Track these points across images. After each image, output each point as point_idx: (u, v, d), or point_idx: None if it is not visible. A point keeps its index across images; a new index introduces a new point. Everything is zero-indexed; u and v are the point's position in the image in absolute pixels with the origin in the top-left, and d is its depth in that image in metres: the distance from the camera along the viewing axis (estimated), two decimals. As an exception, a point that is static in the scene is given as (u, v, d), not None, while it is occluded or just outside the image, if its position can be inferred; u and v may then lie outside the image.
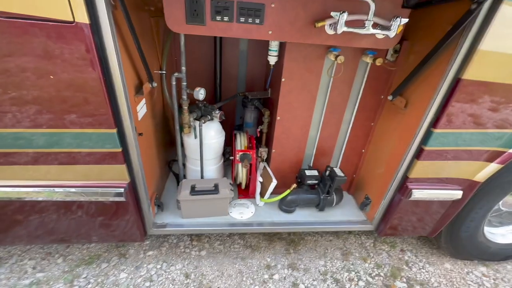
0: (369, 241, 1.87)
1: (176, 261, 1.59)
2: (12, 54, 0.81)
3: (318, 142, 1.57)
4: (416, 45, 1.22)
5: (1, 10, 0.75)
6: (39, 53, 0.82)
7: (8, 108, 0.90)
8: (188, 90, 1.31)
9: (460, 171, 1.28)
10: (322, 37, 1.07)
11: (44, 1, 0.74)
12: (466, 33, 0.94)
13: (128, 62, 1.05)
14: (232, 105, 1.99)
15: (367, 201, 1.57)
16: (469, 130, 1.15)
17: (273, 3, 0.99)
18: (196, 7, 0.97)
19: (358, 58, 1.32)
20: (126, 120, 1.01)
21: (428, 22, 1.16)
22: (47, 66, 0.84)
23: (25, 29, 0.78)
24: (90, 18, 0.79)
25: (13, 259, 1.52)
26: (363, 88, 1.40)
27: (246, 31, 1.03)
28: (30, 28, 0.78)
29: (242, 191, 1.72)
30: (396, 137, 1.33)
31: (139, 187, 1.20)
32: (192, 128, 1.40)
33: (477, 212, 1.46)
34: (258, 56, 1.78)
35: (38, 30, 0.78)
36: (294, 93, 1.37)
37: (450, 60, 1.01)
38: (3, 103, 0.89)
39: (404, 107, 1.26)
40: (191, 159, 1.56)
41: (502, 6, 0.87)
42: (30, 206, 1.16)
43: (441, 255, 1.83)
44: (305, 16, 1.02)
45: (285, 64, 1.28)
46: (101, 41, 0.85)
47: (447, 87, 1.05)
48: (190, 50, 1.69)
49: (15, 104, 0.89)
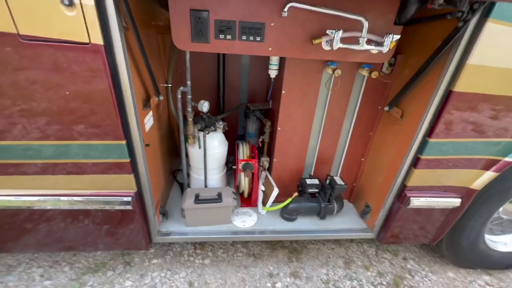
0: (371, 249, 1.88)
1: (180, 269, 1.62)
2: (33, 69, 0.88)
3: (318, 151, 1.62)
4: (410, 59, 1.28)
5: (25, 34, 0.82)
6: (58, 70, 0.89)
7: (31, 120, 0.97)
8: (193, 103, 1.37)
9: (457, 179, 1.31)
10: (320, 53, 1.14)
11: (64, 26, 0.82)
12: (454, 48, 1.00)
13: (137, 77, 1.12)
14: (235, 116, 2.05)
15: (367, 209, 1.60)
16: (463, 139, 1.19)
17: (272, 22, 1.06)
18: (201, 27, 1.04)
19: (354, 71, 1.38)
20: (134, 132, 1.07)
21: (420, 37, 1.22)
22: (64, 82, 0.91)
23: (46, 50, 0.85)
24: (104, 39, 0.86)
25: (21, 266, 1.56)
26: (361, 99, 1.45)
27: (248, 48, 1.10)
28: (51, 49, 0.85)
29: (244, 200, 1.76)
30: (394, 146, 1.38)
31: (146, 196, 1.25)
32: (196, 138, 1.46)
33: (477, 220, 1.48)
34: (259, 69, 1.86)
35: (57, 50, 0.85)
36: (294, 105, 1.43)
37: (441, 73, 1.06)
38: (33, 115, 0.95)
39: (400, 117, 1.31)
40: (195, 168, 1.61)
41: (487, 24, 0.93)
42: (38, 214, 1.21)
43: (444, 263, 1.83)
44: (303, 33, 1.09)
45: (285, 78, 1.34)
46: (114, 59, 0.92)
47: (440, 98, 1.10)
48: (195, 64, 1.77)
49: (32, 116, 0.96)
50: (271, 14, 1.04)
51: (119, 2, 0.85)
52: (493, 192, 1.38)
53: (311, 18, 1.06)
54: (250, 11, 1.03)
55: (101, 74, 0.90)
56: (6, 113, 0.94)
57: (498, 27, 0.94)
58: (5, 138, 0.99)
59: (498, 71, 1.02)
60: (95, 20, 0.82)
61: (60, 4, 0.79)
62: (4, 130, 0.97)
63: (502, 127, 1.17)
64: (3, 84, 0.89)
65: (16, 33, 0.81)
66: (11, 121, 0.96)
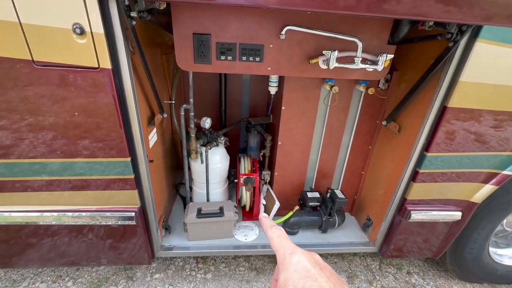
0: (374, 263, 1.86)
1: (182, 284, 1.62)
2: (45, 95, 0.94)
3: (319, 165, 1.64)
4: (405, 75, 1.32)
5: (39, 60, 0.88)
6: (69, 93, 0.94)
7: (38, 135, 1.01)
8: (195, 119, 1.42)
9: (457, 193, 1.32)
10: (317, 71, 1.18)
11: (75, 52, 0.87)
12: (447, 66, 1.04)
13: (142, 97, 1.17)
14: (237, 130, 2.09)
15: (368, 222, 1.60)
16: (460, 154, 1.21)
17: (271, 44, 1.11)
18: (203, 49, 1.10)
19: (352, 87, 1.42)
20: (139, 149, 1.11)
21: (415, 55, 1.27)
22: (74, 104, 0.96)
23: (58, 74, 0.91)
24: (112, 63, 0.91)
25: (26, 281, 1.58)
26: (359, 114, 1.49)
27: (248, 68, 1.15)
28: (63, 73, 0.90)
29: (246, 213, 1.77)
30: (393, 160, 1.40)
31: (149, 211, 1.27)
32: (199, 154, 1.49)
33: (480, 233, 1.47)
34: (260, 85, 1.91)
35: (69, 74, 0.91)
36: (294, 120, 1.47)
37: (435, 89, 1.09)
38: (44, 134, 1.00)
39: (398, 132, 1.34)
40: (198, 182, 1.64)
41: (477, 44, 0.97)
42: (43, 229, 1.23)
43: (450, 277, 1.80)
44: (300, 54, 1.14)
45: (284, 94, 1.39)
46: (121, 82, 0.97)
47: (435, 114, 1.13)
48: (198, 81, 1.83)
49: (42, 132, 1.01)
50: (269, 37, 1.09)
51: (126, 30, 0.91)
52: (495, 205, 1.38)
53: (308, 39, 1.11)
54: (250, 34, 1.08)
55: (109, 95, 0.95)
56: (15, 127, 0.99)
57: (487, 46, 0.98)
58: (13, 154, 1.04)
59: (490, 87, 1.06)
60: (104, 47, 0.88)
61: (72, 33, 0.84)
62: (13, 145, 1.02)
63: (498, 141, 1.19)
64: (19, 105, 0.94)
65: (31, 60, 0.87)
66: (18, 136, 1.00)
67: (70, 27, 0.84)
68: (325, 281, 0.27)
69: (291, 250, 0.31)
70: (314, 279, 0.28)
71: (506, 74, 1.04)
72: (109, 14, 0.85)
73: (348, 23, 1.09)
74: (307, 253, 0.31)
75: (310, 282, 0.27)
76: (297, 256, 0.30)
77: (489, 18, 0.84)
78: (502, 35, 0.97)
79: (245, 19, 1.05)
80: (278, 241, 0.34)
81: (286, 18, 1.06)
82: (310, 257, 0.31)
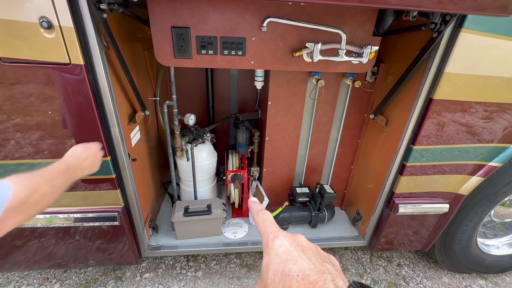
0: (365, 256, 1.87)
1: (172, 283, 1.60)
2: (16, 94, 0.89)
3: (308, 160, 1.63)
4: (392, 67, 1.30)
5: (5, 57, 0.83)
6: (40, 90, 0.90)
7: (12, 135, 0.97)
8: (179, 116, 1.38)
9: (444, 185, 1.32)
10: (301, 64, 1.15)
11: (44, 48, 0.83)
12: (432, 57, 1.02)
13: (121, 94, 1.13)
14: (226, 126, 2.06)
15: (358, 216, 1.60)
16: (447, 146, 1.20)
17: (253, 36, 1.08)
18: (183, 43, 1.06)
19: (339, 80, 1.40)
20: (119, 148, 1.08)
21: (401, 46, 1.25)
22: (48, 101, 0.92)
23: (28, 71, 0.86)
24: (84, 59, 0.87)
25: (11, 285, 1.55)
26: (347, 107, 1.47)
27: (230, 62, 1.12)
28: (33, 70, 0.86)
29: (235, 210, 1.75)
30: (381, 153, 1.38)
31: (133, 211, 1.24)
32: (184, 151, 1.46)
33: (468, 225, 1.48)
34: (248, 80, 1.88)
35: (39, 71, 0.87)
36: (281, 115, 1.44)
37: (421, 81, 1.08)
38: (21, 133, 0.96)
39: (385, 125, 1.32)
40: (185, 180, 1.61)
41: (461, 34, 0.95)
42: (29, 231, 1.20)
43: (439, 268, 1.82)
44: (283, 47, 1.11)
45: (270, 89, 1.36)
46: (95, 78, 0.93)
47: (421, 106, 1.12)
48: (183, 76, 1.79)
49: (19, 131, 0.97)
50: (251, 29, 1.06)
51: (99, 23, 0.87)
52: (481, 197, 1.39)
53: (291, 31, 1.08)
54: (231, 27, 1.05)
55: (82, 93, 0.91)
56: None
57: (472, 36, 0.96)
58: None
59: (475, 79, 1.04)
60: (74, 41, 0.84)
61: (39, 27, 0.80)
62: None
63: (484, 133, 1.18)
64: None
65: (-2, 56, 0.83)
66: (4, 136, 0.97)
67: (37, 21, 0.79)
68: (305, 262, 0.27)
69: (274, 235, 0.31)
70: (294, 262, 0.27)
71: (492, 65, 1.03)
72: (78, 6, 0.81)
73: (332, 14, 1.06)
74: (290, 236, 0.30)
75: (290, 265, 0.27)
76: (279, 240, 0.30)
77: (473, 7, 0.82)
78: (487, 25, 0.95)
79: (225, 10, 1.02)
80: (263, 225, 0.33)
81: (268, 10, 1.02)
82: (293, 240, 0.30)
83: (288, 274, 0.26)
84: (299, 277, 0.26)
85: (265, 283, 0.27)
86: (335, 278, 0.26)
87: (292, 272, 0.26)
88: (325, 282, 0.25)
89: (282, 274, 0.26)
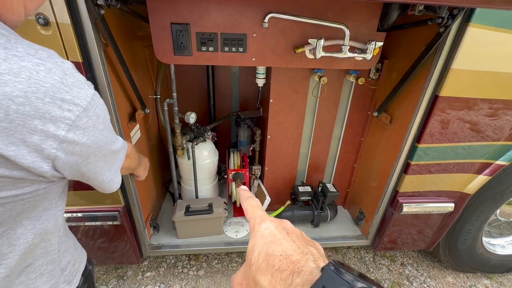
0: (368, 256, 1.85)
1: (174, 281, 1.60)
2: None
3: (310, 158, 1.60)
4: (397, 63, 1.27)
5: None
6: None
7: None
8: (180, 114, 1.37)
9: (449, 184, 1.29)
10: (303, 61, 1.13)
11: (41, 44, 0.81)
12: (438, 53, 0.99)
13: (121, 92, 1.11)
14: (228, 124, 2.04)
15: (361, 215, 1.58)
16: (452, 144, 1.17)
17: (254, 32, 1.05)
18: (183, 40, 1.04)
19: (342, 78, 1.37)
20: (119, 147, 1.06)
21: (406, 42, 1.22)
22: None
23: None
24: (82, 57, 0.86)
25: (13, 284, 1.55)
26: (350, 105, 1.44)
27: (231, 59, 1.10)
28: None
29: (237, 209, 1.74)
30: (384, 152, 1.36)
31: (134, 210, 1.23)
32: (185, 150, 1.45)
33: (473, 224, 1.45)
34: (249, 77, 1.85)
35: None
36: (283, 113, 1.42)
37: (426, 78, 1.05)
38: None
39: (389, 123, 1.30)
40: (186, 179, 1.60)
41: (469, 29, 0.92)
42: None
43: (443, 268, 1.80)
44: (285, 43, 1.09)
45: (272, 86, 1.34)
46: (94, 76, 0.91)
47: (426, 103, 1.09)
48: (184, 74, 1.77)
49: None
50: (252, 25, 1.03)
51: (96, 20, 0.85)
52: (488, 196, 1.36)
53: (293, 27, 1.05)
54: (231, 23, 1.03)
55: (81, 91, 0.90)
56: None
57: (480, 31, 0.93)
58: None
59: (482, 75, 1.01)
60: (72, 39, 0.82)
61: (36, 24, 0.78)
62: None
63: (491, 130, 1.16)
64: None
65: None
66: None
67: (33, 18, 0.78)
68: (289, 244, 0.28)
69: (261, 219, 0.32)
70: (279, 243, 0.28)
71: (500, 61, 1.00)
72: (75, 2, 0.79)
73: (335, 9, 1.03)
74: (276, 220, 0.32)
75: (274, 246, 0.28)
76: (266, 223, 0.31)
77: (481, 0, 0.79)
78: (496, 19, 0.92)
79: (225, 6, 0.99)
80: (251, 211, 0.34)
81: (269, 5, 1.00)
82: (279, 224, 0.31)
83: (271, 254, 0.27)
84: (282, 257, 0.27)
85: (249, 262, 0.28)
86: (317, 259, 0.27)
87: (275, 252, 0.27)
88: (306, 262, 0.26)
89: (266, 254, 0.27)
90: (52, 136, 0.39)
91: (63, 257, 0.60)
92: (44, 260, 0.54)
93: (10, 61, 0.35)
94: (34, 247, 0.50)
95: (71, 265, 0.64)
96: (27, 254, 0.49)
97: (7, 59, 0.35)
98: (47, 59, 0.39)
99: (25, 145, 0.37)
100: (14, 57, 0.36)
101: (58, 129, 0.39)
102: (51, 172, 0.42)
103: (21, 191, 0.41)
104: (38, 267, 0.53)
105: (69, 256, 0.63)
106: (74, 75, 0.42)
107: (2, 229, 0.43)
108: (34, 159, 0.39)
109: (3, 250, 0.44)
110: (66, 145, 0.42)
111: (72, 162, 0.44)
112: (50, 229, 0.52)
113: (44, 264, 0.54)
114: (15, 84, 0.35)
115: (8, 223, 0.43)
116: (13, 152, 0.36)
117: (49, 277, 0.56)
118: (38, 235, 0.49)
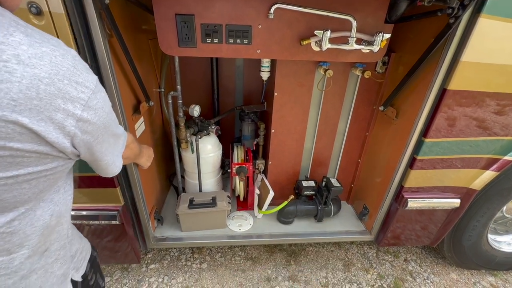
0: (371, 251, 1.84)
1: (178, 274, 1.61)
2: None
3: (314, 153, 1.59)
4: (404, 57, 1.25)
5: None
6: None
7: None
8: (184, 107, 1.36)
9: (455, 179, 1.28)
10: (309, 53, 1.12)
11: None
12: (447, 45, 0.97)
13: (125, 84, 1.11)
14: (232, 118, 2.04)
15: (365, 211, 1.57)
16: (460, 139, 1.15)
17: (259, 24, 1.04)
18: (187, 31, 1.03)
19: (348, 71, 1.35)
20: (123, 139, 1.06)
21: (414, 35, 1.19)
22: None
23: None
24: (77, 47, 0.84)
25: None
26: (355, 99, 1.43)
27: (236, 51, 1.09)
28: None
29: (240, 203, 1.74)
30: (390, 146, 1.35)
31: (138, 203, 1.24)
32: (189, 143, 1.45)
33: (479, 220, 1.44)
34: (254, 71, 1.83)
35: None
36: (287, 106, 1.41)
37: (435, 71, 1.03)
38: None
39: (395, 117, 1.28)
40: (190, 173, 1.60)
41: (480, 20, 0.90)
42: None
43: (447, 264, 1.79)
44: (291, 35, 1.07)
45: (276, 80, 1.32)
46: (98, 66, 0.91)
47: (434, 97, 1.07)
48: (188, 67, 1.76)
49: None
50: (257, 16, 1.02)
51: (101, 10, 0.84)
52: (494, 192, 1.34)
53: (299, 19, 1.04)
54: (236, 14, 1.01)
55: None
56: None
57: (491, 22, 0.90)
58: None
59: (493, 68, 0.99)
60: (66, 28, 0.79)
61: (28, 13, 0.77)
62: None
63: (500, 125, 1.13)
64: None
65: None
66: None
67: (25, 6, 0.76)
68: None
69: None
70: None
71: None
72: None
73: (341, 1, 1.01)
74: None
75: None
76: None
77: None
78: (508, 10, 0.89)
79: (230, -3, 0.98)
80: None
81: (275, -4, 0.98)
82: None
83: None
84: None
85: None
86: None
87: None
88: None
89: None
90: (72, 114, 0.44)
91: (72, 245, 0.64)
92: (58, 245, 0.58)
93: (34, 47, 0.39)
94: (51, 230, 0.55)
95: (79, 253, 0.69)
96: (45, 237, 0.53)
97: (31, 45, 0.39)
98: (59, 46, 0.43)
99: (51, 122, 0.42)
100: (36, 43, 0.40)
101: (75, 109, 0.44)
102: (70, 148, 0.47)
103: (44, 167, 0.45)
104: (54, 251, 0.57)
105: (77, 244, 0.68)
106: (81, 61, 0.47)
107: (26, 208, 0.47)
108: (58, 135, 0.43)
109: (27, 231, 0.49)
110: (82, 124, 0.46)
111: (86, 140, 0.49)
112: (63, 212, 0.56)
113: (58, 249, 0.59)
114: (41, 67, 0.39)
115: (32, 202, 0.48)
116: (42, 128, 0.41)
117: (62, 263, 0.60)
118: (54, 216, 0.53)
